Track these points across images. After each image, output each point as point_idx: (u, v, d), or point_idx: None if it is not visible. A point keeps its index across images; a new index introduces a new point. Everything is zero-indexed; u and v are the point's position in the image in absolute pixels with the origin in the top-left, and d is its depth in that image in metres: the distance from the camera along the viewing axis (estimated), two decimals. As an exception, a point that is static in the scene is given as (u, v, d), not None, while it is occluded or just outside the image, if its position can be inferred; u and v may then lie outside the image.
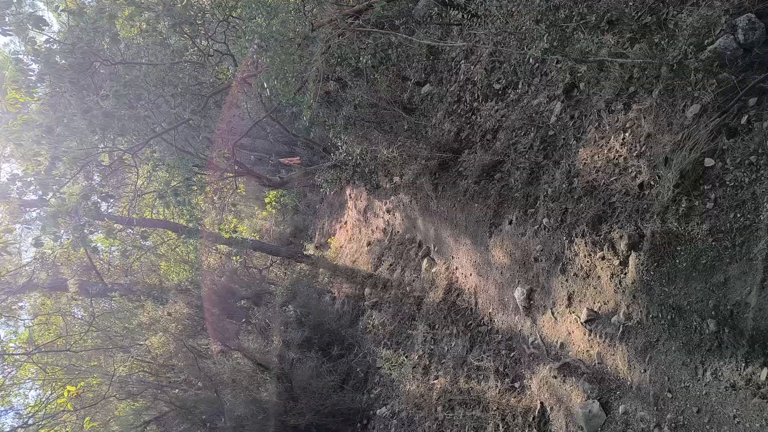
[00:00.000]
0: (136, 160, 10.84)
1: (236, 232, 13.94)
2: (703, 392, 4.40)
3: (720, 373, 4.30)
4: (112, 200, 12.92)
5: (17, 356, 13.35)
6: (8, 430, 12.00)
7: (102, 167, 10.49)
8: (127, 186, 14.79)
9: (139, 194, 12.47)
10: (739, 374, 4.16)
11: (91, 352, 15.38)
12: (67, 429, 12.50)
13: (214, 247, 17.25)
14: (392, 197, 12.31)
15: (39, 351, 12.43)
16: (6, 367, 13.49)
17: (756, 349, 4.15)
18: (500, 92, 8.64)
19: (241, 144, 16.73)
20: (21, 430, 10.79)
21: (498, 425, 7.02)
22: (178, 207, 12.13)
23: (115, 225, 12.32)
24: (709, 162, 4.83)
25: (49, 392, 15.70)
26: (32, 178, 9.89)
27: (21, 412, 14.49)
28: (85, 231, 10.11)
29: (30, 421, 11.39)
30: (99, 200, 10.07)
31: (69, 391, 8.92)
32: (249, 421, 10.70)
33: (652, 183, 5.36)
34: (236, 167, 13.41)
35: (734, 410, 4.12)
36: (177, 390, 12.38)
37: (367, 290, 12.88)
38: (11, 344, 15.01)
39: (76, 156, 9.35)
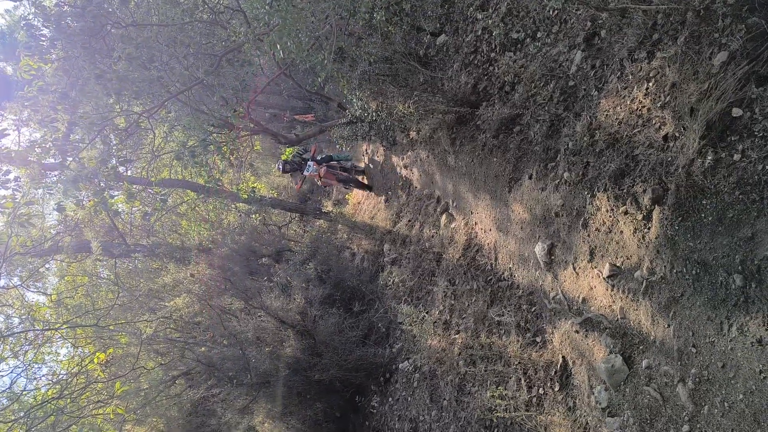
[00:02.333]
0: (151, 122, 10.80)
1: (254, 191, 13.96)
2: (729, 347, 4.37)
3: (746, 329, 4.25)
4: (130, 163, 12.97)
5: (48, 328, 13.70)
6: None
7: (118, 131, 10.48)
8: (144, 148, 14.81)
9: (157, 155, 12.47)
10: (766, 329, 4.11)
11: (119, 311, 15.72)
12: (99, 387, 12.90)
13: (233, 206, 17.35)
14: (409, 152, 12.20)
15: (69, 324, 12.74)
16: (38, 330, 13.86)
17: (783, 304, 4.09)
18: (518, 42, 8.40)
19: (256, 101, 16.59)
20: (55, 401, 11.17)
21: (520, 379, 7.09)
22: (195, 167, 12.15)
23: (134, 187, 12.42)
24: (736, 112, 4.67)
25: (80, 350, 16.18)
26: (50, 144, 9.94)
27: (55, 371, 14.99)
28: (105, 194, 10.19)
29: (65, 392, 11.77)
30: (117, 164, 10.12)
31: (99, 358, 9.16)
32: (274, 377, 10.94)
33: (676, 135, 5.21)
34: (252, 125, 13.32)
35: (760, 365, 4.09)
36: (203, 347, 12.65)
37: (386, 246, 12.91)
38: (43, 311, 15.39)
39: (92, 121, 9.33)
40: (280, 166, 15.56)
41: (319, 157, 14.99)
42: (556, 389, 6.51)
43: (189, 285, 13.63)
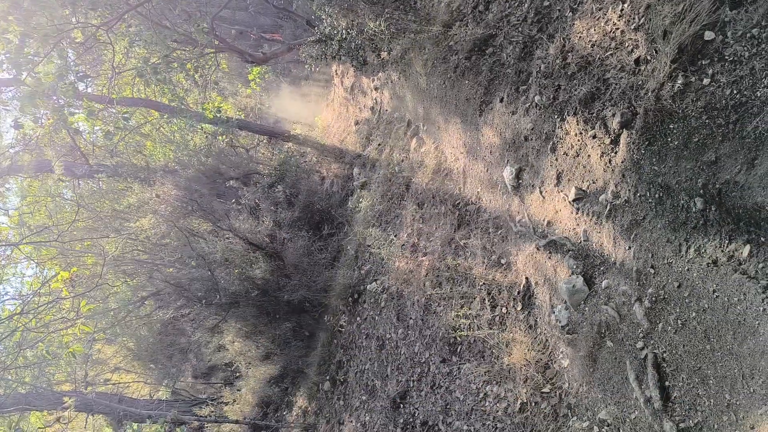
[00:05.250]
0: (110, 36, 10.33)
1: (220, 111, 13.61)
2: (685, 268, 4.51)
3: (703, 250, 4.39)
4: (89, 79, 12.47)
5: (7, 244, 13.47)
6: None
7: (76, 44, 10.01)
8: (104, 64, 14.23)
9: (117, 72, 12.01)
10: (722, 251, 4.24)
11: (83, 232, 15.53)
12: (66, 306, 12.87)
13: (199, 127, 16.97)
14: (380, 74, 11.96)
15: (30, 243, 12.52)
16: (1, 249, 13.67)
17: (741, 227, 4.21)
18: (494, -41, 8.13)
19: (221, 17, 15.94)
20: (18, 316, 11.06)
21: (484, 299, 7.28)
22: (158, 85, 11.76)
23: (95, 105, 12.01)
24: (709, 35, 4.63)
25: (45, 270, 16.06)
26: (3, 57, 9.46)
27: (20, 291, 14.88)
28: (65, 112, 9.84)
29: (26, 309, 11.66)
30: (76, 80, 9.71)
31: (63, 277, 9.06)
32: (243, 298, 11.06)
33: (648, 58, 5.17)
34: (217, 42, 12.85)
35: (714, 285, 4.25)
36: (171, 269, 12.64)
37: (355, 170, 12.86)
38: (5, 231, 15.10)
39: (47, 32, 8.87)
40: None
41: None
42: (519, 309, 6.71)
43: (155, 206, 13.47)
